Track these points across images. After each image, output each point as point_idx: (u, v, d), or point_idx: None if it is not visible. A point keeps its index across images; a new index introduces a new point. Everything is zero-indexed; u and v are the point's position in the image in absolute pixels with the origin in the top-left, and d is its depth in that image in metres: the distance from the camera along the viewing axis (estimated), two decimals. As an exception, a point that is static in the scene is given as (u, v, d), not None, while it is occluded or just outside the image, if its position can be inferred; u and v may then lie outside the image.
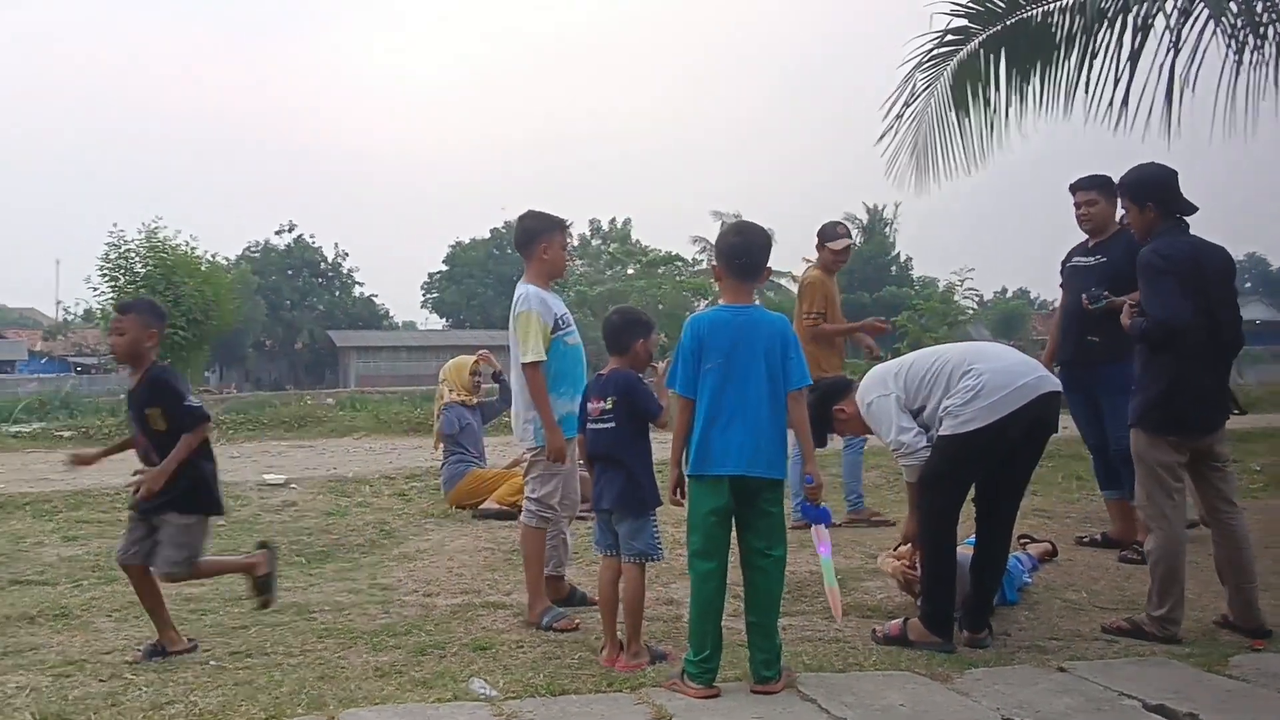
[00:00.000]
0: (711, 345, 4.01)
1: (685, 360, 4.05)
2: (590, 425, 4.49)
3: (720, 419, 3.95)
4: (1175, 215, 4.81)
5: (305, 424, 14.87)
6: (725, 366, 3.97)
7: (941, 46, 9.25)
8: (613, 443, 4.40)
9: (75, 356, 60.36)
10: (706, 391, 3.98)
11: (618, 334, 4.54)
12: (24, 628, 4.92)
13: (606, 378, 4.49)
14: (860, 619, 5.05)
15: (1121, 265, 6.22)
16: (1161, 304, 4.60)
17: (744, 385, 3.95)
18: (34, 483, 9.24)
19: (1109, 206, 6.41)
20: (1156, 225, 4.81)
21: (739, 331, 3.99)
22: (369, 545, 6.89)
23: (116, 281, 21.86)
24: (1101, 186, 6.44)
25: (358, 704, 3.67)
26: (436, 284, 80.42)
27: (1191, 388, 4.62)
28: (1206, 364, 4.67)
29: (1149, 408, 4.72)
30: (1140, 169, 4.95)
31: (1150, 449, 4.72)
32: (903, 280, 68.06)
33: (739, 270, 4.12)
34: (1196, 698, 3.71)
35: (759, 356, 3.97)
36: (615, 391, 4.41)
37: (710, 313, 4.15)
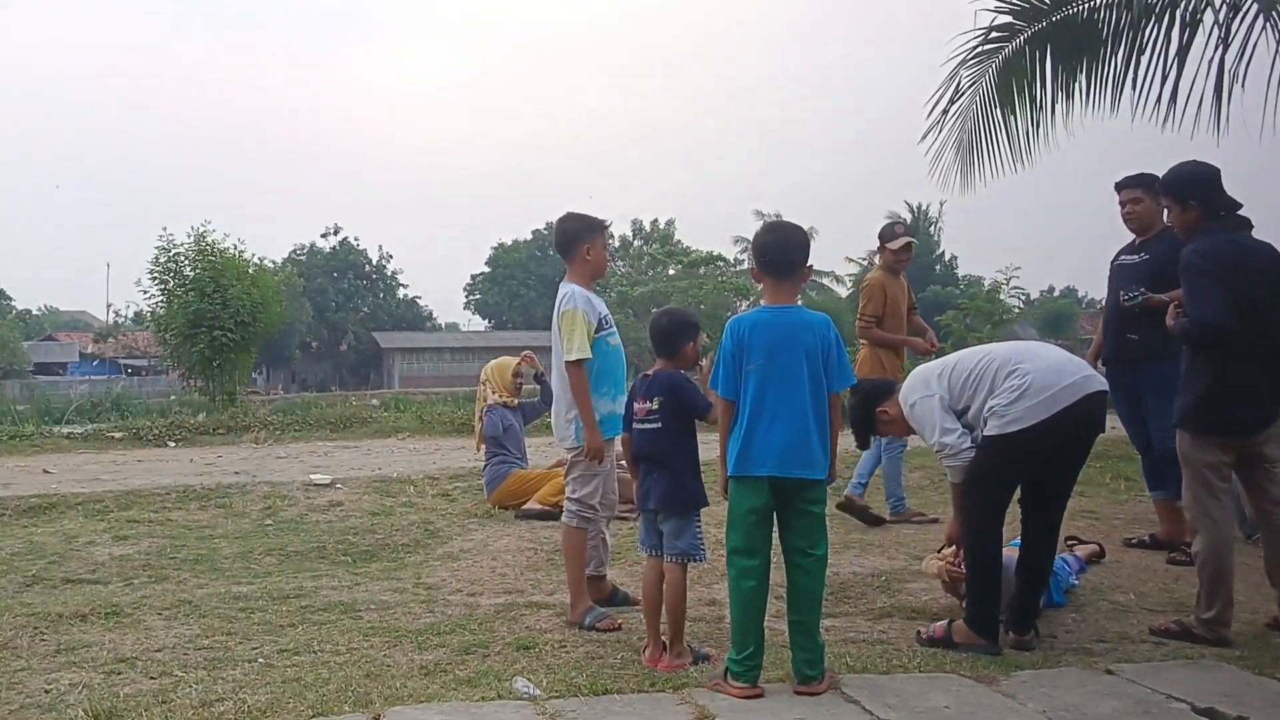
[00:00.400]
0: (752, 346, 3.99)
1: (726, 362, 4.06)
2: (636, 425, 4.50)
3: (762, 420, 3.94)
4: (1218, 214, 4.74)
5: (350, 425, 15.00)
6: (766, 367, 3.96)
7: (986, 44, 9.20)
8: (659, 443, 4.40)
9: (126, 358, 61.32)
10: (748, 393, 3.98)
11: (668, 337, 4.53)
12: (76, 626, 5.00)
13: (653, 378, 4.49)
14: (905, 620, 5.02)
15: (1163, 263, 6.15)
16: (1201, 305, 4.54)
17: (785, 386, 3.93)
18: (86, 483, 9.39)
19: (1154, 205, 6.34)
20: (1199, 224, 4.75)
21: (780, 332, 3.98)
22: (414, 545, 6.93)
23: (166, 285, 22.11)
24: (1146, 185, 6.37)
25: (403, 702, 3.70)
26: (479, 285, 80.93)
27: (1236, 388, 4.56)
28: (1252, 364, 4.58)
29: (1192, 408, 4.67)
30: (1181, 167, 4.89)
31: (1195, 450, 4.66)
32: (948, 279, 67.58)
33: (771, 268, 4.12)
34: (1247, 701, 3.66)
35: (801, 357, 3.95)
36: (661, 392, 4.42)
37: (751, 314, 4.12)
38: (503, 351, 9.49)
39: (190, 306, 21.18)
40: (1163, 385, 6.15)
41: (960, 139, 9.69)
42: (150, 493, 8.64)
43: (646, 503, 4.43)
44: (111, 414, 19.63)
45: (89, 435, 14.02)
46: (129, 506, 8.14)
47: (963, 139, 9.69)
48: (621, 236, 72.99)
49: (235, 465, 10.80)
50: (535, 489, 8.02)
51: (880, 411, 5.03)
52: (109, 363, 62.29)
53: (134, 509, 8.04)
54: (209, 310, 21.07)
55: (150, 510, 8.04)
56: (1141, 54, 8.47)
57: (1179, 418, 4.74)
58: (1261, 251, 4.71)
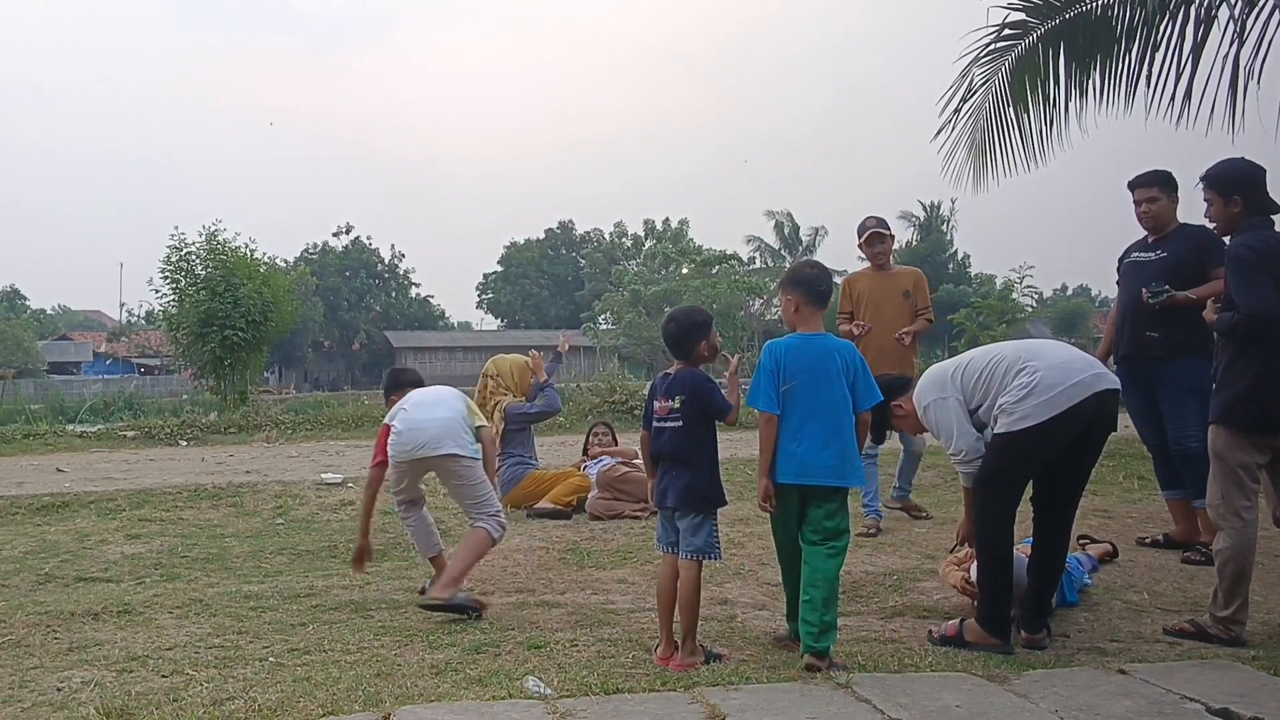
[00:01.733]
0: (789, 367, 4.33)
1: (767, 380, 4.35)
2: (656, 424, 4.51)
3: (796, 434, 4.28)
4: (1263, 213, 4.72)
5: (362, 424, 14.99)
6: (800, 387, 4.30)
7: (999, 41, 9.15)
8: (680, 441, 4.42)
9: (139, 358, 61.57)
10: (785, 410, 4.32)
11: (680, 341, 4.54)
12: (88, 624, 5.02)
13: (674, 377, 4.49)
14: (916, 619, 5.00)
15: (1183, 260, 6.13)
16: (1255, 296, 4.50)
17: (817, 404, 4.28)
18: (98, 481, 9.43)
19: (1170, 203, 6.31)
20: (1240, 220, 4.73)
21: (814, 356, 4.33)
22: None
23: (178, 284, 22.15)
24: (1162, 183, 6.34)
25: (413, 701, 3.69)
26: (492, 284, 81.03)
27: (1278, 384, 4.53)
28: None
29: (1235, 404, 4.61)
30: (1229, 162, 4.88)
31: (1231, 448, 4.61)
32: (960, 278, 67.43)
33: (821, 299, 4.47)
34: (1262, 702, 3.63)
35: (835, 378, 4.31)
36: (683, 390, 4.44)
37: (786, 340, 4.43)
38: (514, 351, 9.45)
39: (202, 305, 21.21)
40: (1181, 383, 6.12)
41: (973, 137, 9.64)
42: (162, 492, 8.66)
43: (665, 500, 4.43)
44: (124, 413, 19.73)
45: (102, 434, 14.08)
46: (141, 505, 8.16)
47: (975, 137, 9.64)
48: (634, 235, 73.14)
49: (247, 464, 10.83)
50: (549, 489, 8.03)
51: (895, 406, 5.01)
52: (122, 362, 62.56)
53: (146, 508, 8.07)
54: (220, 309, 21.10)
55: (162, 509, 8.06)
56: (1156, 51, 8.42)
57: (1218, 414, 4.68)
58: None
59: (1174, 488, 6.50)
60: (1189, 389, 6.06)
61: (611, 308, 55.10)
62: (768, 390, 4.34)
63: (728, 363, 4.69)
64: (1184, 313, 5.95)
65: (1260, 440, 4.60)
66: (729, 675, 3.97)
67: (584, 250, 78.45)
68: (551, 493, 7.97)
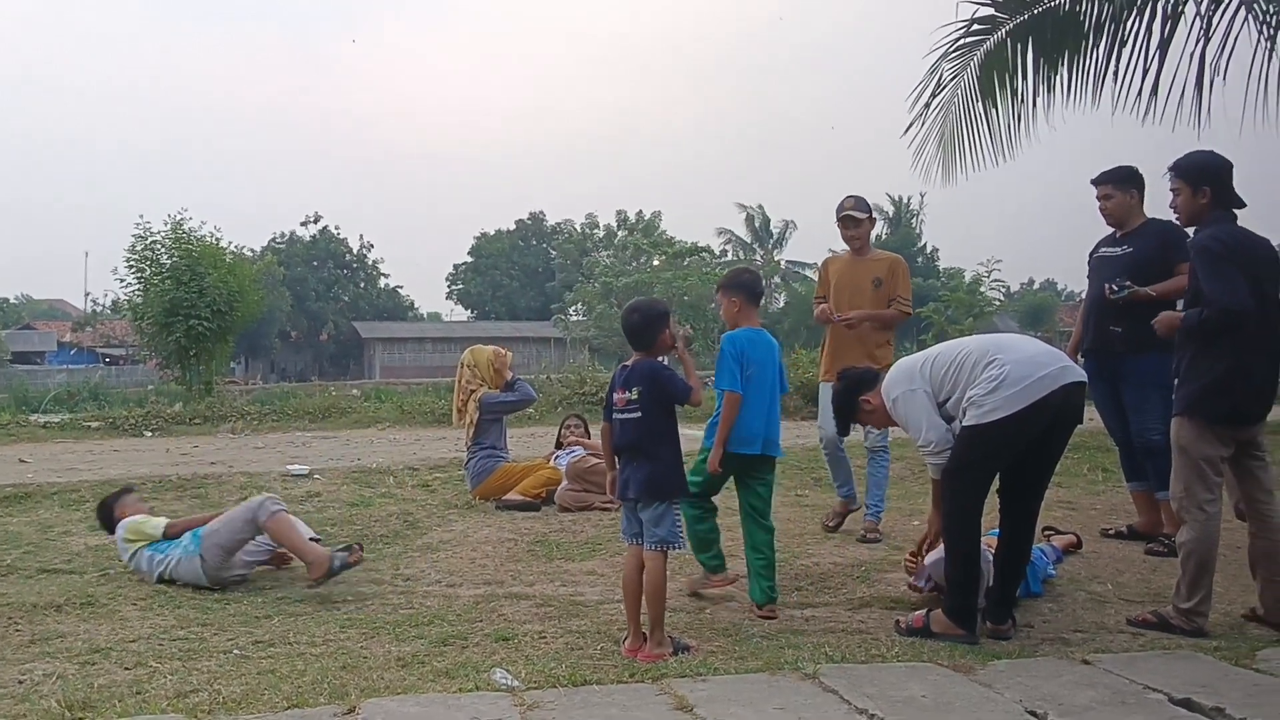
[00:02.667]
0: (749, 355, 5.11)
1: (733, 365, 5.06)
2: (617, 416, 4.56)
3: (753, 412, 5.11)
4: (1228, 207, 4.76)
5: (330, 415, 14.91)
6: (754, 373, 5.11)
7: (968, 36, 9.21)
8: (641, 432, 4.48)
9: (104, 348, 60.95)
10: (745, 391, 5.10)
11: (641, 333, 4.63)
12: (51, 616, 4.96)
13: (631, 368, 4.58)
14: (883, 611, 5.02)
15: (1148, 255, 6.19)
16: (1224, 289, 4.53)
17: (767, 387, 5.17)
18: (62, 473, 9.32)
19: (1126, 198, 6.38)
20: (1205, 212, 4.77)
21: (765, 347, 5.19)
22: (392, 536, 6.90)
23: (143, 273, 21.92)
24: (1118, 180, 6.41)
25: (380, 693, 3.67)
26: (461, 275, 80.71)
27: (1247, 377, 4.59)
28: (1260, 353, 4.63)
29: (1203, 396, 4.65)
30: (1200, 153, 4.92)
31: (1197, 441, 4.66)
32: (929, 272, 67.79)
33: (757, 299, 5.36)
34: (1224, 692, 3.67)
35: (774, 366, 5.23)
36: (641, 381, 4.51)
37: (743, 332, 5.19)
38: (484, 342, 9.41)
39: (167, 295, 21.00)
40: (1144, 377, 6.19)
41: (943, 132, 9.70)
42: (126, 483, 8.57)
43: (626, 492, 4.48)
44: (89, 403, 19.49)
45: (66, 424, 13.91)
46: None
47: (945, 131, 9.69)
48: (606, 226, 73.07)
49: (212, 455, 10.74)
50: (519, 481, 8.00)
51: (863, 400, 5.03)
52: (87, 352, 61.88)
53: (110, 499, 7.97)
54: (185, 299, 20.89)
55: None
56: (1123, 47, 8.49)
57: (1184, 406, 4.73)
58: (1264, 244, 4.76)
59: (1138, 479, 6.56)
60: (1151, 383, 6.13)
61: (582, 299, 55.04)
62: (733, 373, 5.03)
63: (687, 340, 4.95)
64: (1148, 308, 6.00)
65: (1226, 433, 4.65)
66: (697, 666, 3.99)
67: (555, 241, 78.33)
68: (522, 484, 7.94)
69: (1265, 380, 4.69)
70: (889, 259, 7.02)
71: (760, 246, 70.67)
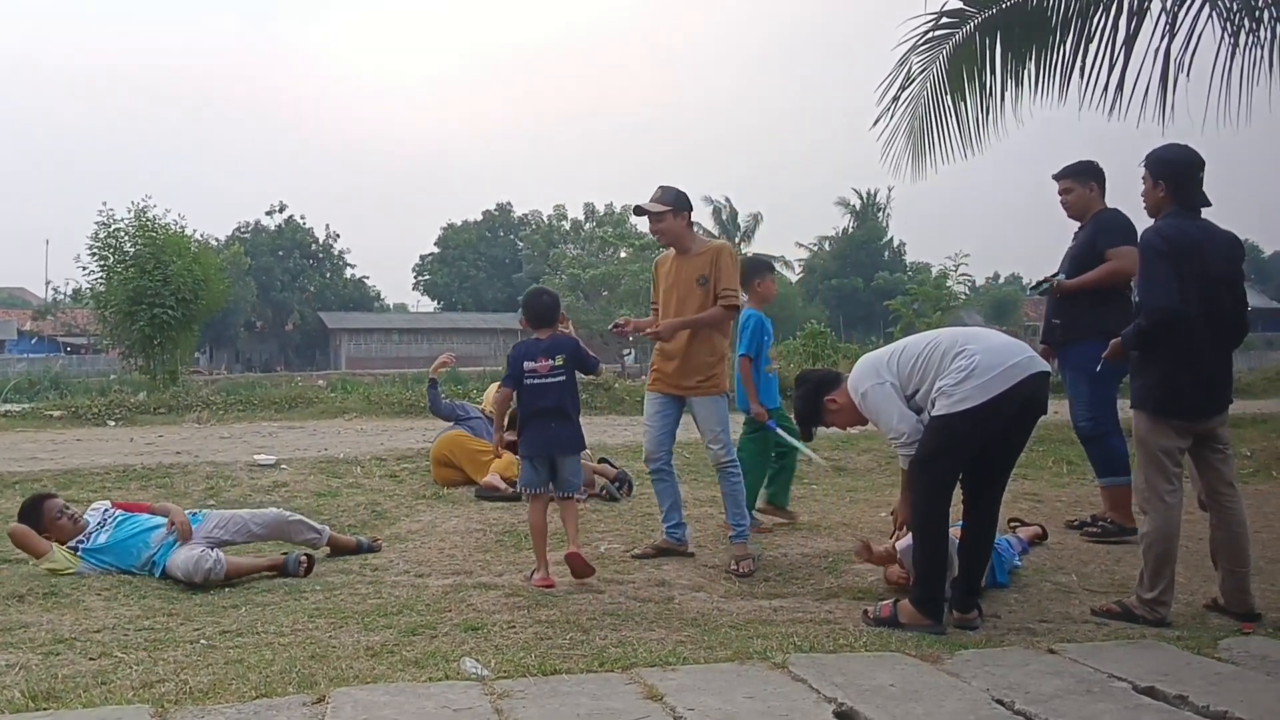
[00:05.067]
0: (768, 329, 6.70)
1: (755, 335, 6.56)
2: (537, 381, 5.42)
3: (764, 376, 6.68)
4: (1190, 204, 4.80)
5: (296, 405, 14.80)
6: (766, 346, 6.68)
7: (937, 29, 9.22)
8: (564, 395, 5.43)
9: (65, 336, 60.18)
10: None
11: (550, 311, 5.58)
12: (14, 606, 4.90)
13: (553, 340, 5.48)
14: (851, 601, 5.06)
15: (1083, 246, 6.41)
16: (1155, 291, 4.60)
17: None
18: (23, 462, 9.21)
19: (1085, 191, 6.55)
20: (1165, 205, 4.81)
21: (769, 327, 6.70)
22: (360, 526, 6.87)
23: (106, 261, 21.66)
24: (1074, 175, 6.58)
25: (349, 683, 3.65)
26: (429, 266, 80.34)
27: (1193, 371, 4.63)
28: (1207, 347, 4.67)
29: (1149, 390, 4.73)
30: (1168, 147, 4.97)
31: (1151, 433, 4.72)
32: (896, 265, 68.16)
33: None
34: (1186, 680, 3.72)
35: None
36: (564, 350, 5.45)
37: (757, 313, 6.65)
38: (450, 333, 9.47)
39: (130, 283, 20.75)
40: (1075, 364, 6.36)
41: (911, 125, 9.71)
42: (89, 472, 8.49)
43: (548, 448, 5.38)
44: (50, 392, 19.26)
45: (26, 414, 13.73)
46: (68, 486, 7.98)
47: (914, 125, 9.71)
48: (574, 220, 72.90)
49: (177, 445, 10.63)
50: (479, 459, 8.03)
51: (829, 401, 5.01)
52: (47, 341, 61.13)
53: (73, 488, 7.89)
54: (150, 287, 20.66)
55: (89, 490, 7.89)
56: (1090, 42, 8.53)
57: (1136, 399, 4.80)
58: (1225, 238, 4.80)
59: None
60: (1079, 370, 6.31)
61: (549, 291, 54.88)
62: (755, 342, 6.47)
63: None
64: (1080, 299, 6.24)
65: (1181, 425, 4.70)
66: (666, 656, 3.99)
67: (522, 233, 78.11)
68: (498, 464, 7.87)
69: (1215, 373, 4.74)
70: (711, 250, 6.02)
71: (728, 238, 70.75)
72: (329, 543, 6.04)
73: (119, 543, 5.58)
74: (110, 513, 5.75)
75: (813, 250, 74.74)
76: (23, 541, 5.52)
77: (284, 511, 6.12)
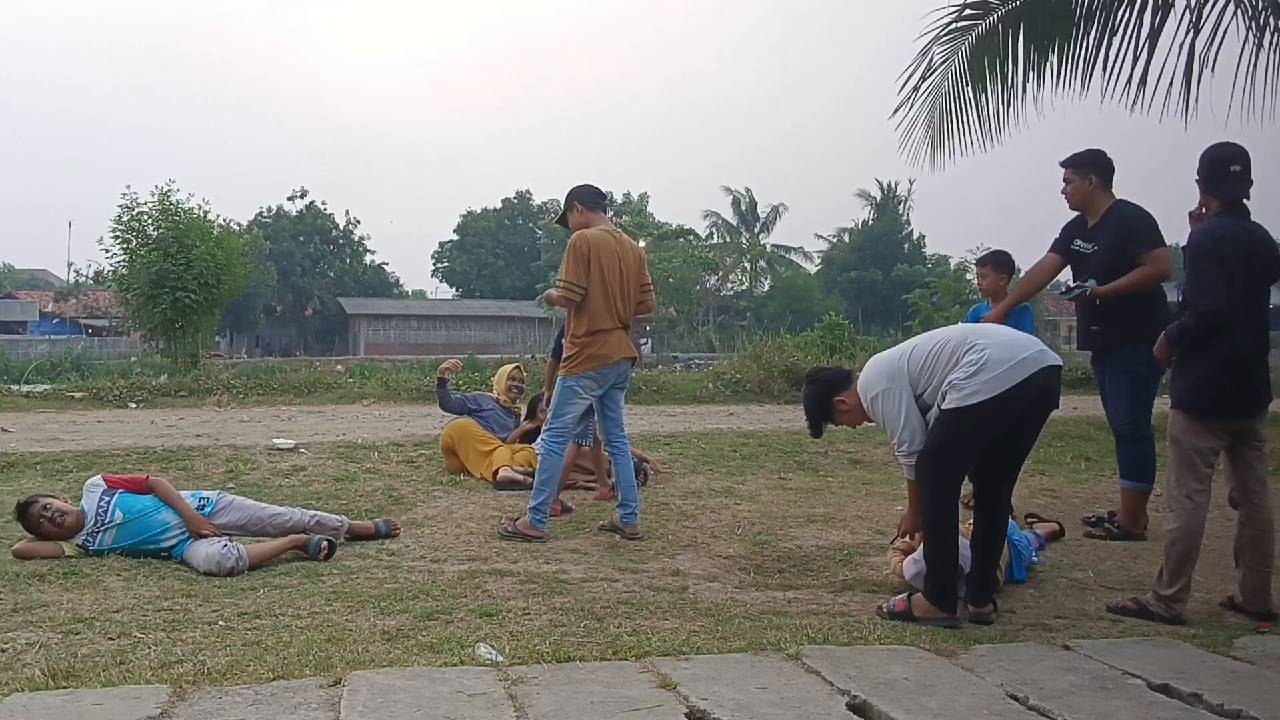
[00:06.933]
0: None
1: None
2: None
3: None
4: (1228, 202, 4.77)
5: (315, 390, 14.86)
6: None
7: (960, 20, 9.21)
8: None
9: (86, 318, 60.50)
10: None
11: None
12: (34, 585, 4.95)
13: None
14: (865, 594, 5.05)
15: (1112, 253, 6.25)
16: (1203, 294, 4.57)
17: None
18: (45, 442, 9.28)
19: (1083, 183, 6.38)
20: (1211, 206, 4.80)
21: None
22: (377, 511, 6.90)
23: (129, 244, 21.81)
24: (1075, 165, 6.42)
25: (364, 666, 3.68)
26: (447, 253, 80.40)
27: (1236, 371, 4.62)
28: (1251, 347, 4.67)
29: (1192, 391, 4.70)
30: (1212, 146, 4.91)
31: (1188, 433, 4.70)
32: (915, 258, 67.85)
33: None
34: (1201, 678, 3.71)
35: None
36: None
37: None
38: (468, 320, 9.50)
39: (153, 267, 20.90)
40: (1122, 366, 6.29)
41: (931, 116, 9.70)
42: (110, 453, 8.56)
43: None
44: (72, 374, 19.40)
45: (48, 395, 13.84)
46: (88, 467, 8.04)
47: (933, 116, 9.70)
48: (592, 208, 72.64)
49: (197, 428, 10.70)
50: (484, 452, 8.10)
51: (838, 401, 4.98)
52: (69, 322, 61.44)
53: (94, 469, 7.93)
54: (172, 271, 20.79)
55: (110, 470, 7.93)
56: (1113, 36, 8.49)
57: (1176, 399, 4.78)
58: (1264, 236, 4.80)
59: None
60: (1124, 373, 6.26)
61: (567, 279, 54.85)
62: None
63: None
64: (1116, 304, 6.13)
65: (1218, 425, 4.69)
66: (680, 645, 4.00)
67: (541, 221, 78.04)
68: (500, 455, 7.99)
69: (1257, 372, 4.71)
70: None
71: (746, 230, 70.61)
72: (348, 530, 6.06)
73: (125, 544, 5.53)
74: (105, 505, 5.57)
75: (832, 242, 74.58)
76: (31, 557, 5.42)
77: (305, 516, 5.99)
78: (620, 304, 6.27)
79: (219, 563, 5.27)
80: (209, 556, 5.31)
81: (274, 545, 5.62)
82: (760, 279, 69.62)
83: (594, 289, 6.18)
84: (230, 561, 5.29)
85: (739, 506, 7.23)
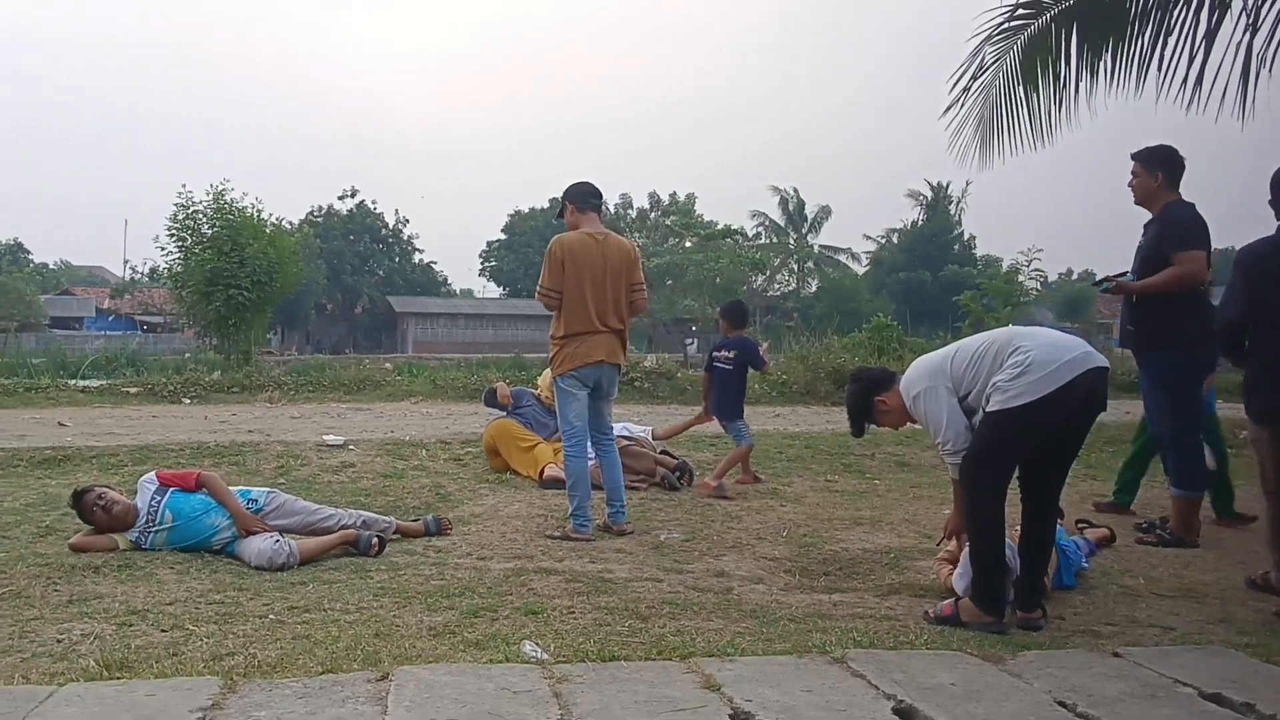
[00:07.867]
0: None
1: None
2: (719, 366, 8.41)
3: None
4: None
5: (364, 387, 15.01)
6: None
7: (1012, 20, 9.11)
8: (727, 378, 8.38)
9: (141, 315, 61.43)
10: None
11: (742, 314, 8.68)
12: (89, 577, 5.04)
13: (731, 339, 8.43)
14: (912, 598, 5.02)
15: (1152, 247, 6.19)
16: (1223, 305, 4.72)
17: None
18: (101, 437, 9.45)
19: (1149, 179, 6.31)
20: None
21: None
22: (425, 508, 6.96)
23: (184, 242, 22.13)
24: (1143, 160, 6.36)
25: (411, 661, 3.71)
26: (495, 252, 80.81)
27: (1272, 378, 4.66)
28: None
29: (1245, 398, 4.96)
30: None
31: (1258, 439, 4.97)
32: (965, 259, 67.23)
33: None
34: (1254, 687, 3.65)
35: None
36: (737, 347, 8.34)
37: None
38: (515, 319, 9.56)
39: (207, 265, 21.20)
40: (1150, 372, 6.24)
41: (981, 115, 9.60)
42: (164, 448, 8.69)
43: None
44: (127, 369, 19.72)
45: (104, 390, 14.08)
46: (143, 461, 8.18)
47: (984, 115, 9.60)
48: (639, 208, 72.86)
49: (249, 424, 10.85)
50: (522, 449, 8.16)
51: (879, 401, 4.95)
52: (125, 319, 62.38)
53: (148, 464, 8.08)
54: (226, 269, 21.08)
55: (164, 465, 8.07)
56: (1169, 35, 8.36)
57: (1245, 406, 5.03)
58: None
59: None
60: (1155, 378, 6.21)
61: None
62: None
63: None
64: (1151, 305, 6.08)
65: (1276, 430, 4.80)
66: (725, 646, 4.00)
67: (588, 220, 78.07)
68: (543, 453, 8.07)
69: None
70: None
71: (794, 230, 70.33)
72: (395, 530, 6.10)
73: (177, 542, 5.61)
74: (156, 506, 5.64)
75: (880, 243, 74.11)
76: (87, 550, 5.51)
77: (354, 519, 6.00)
78: (601, 306, 6.35)
79: (270, 558, 5.34)
80: (261, 552, 5.38)
81: (325, 541, 5.68)
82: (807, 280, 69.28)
83: (570, 293, 6.31)
84: (281, 558, 5.35)
85: (784, 508, 7.22)
